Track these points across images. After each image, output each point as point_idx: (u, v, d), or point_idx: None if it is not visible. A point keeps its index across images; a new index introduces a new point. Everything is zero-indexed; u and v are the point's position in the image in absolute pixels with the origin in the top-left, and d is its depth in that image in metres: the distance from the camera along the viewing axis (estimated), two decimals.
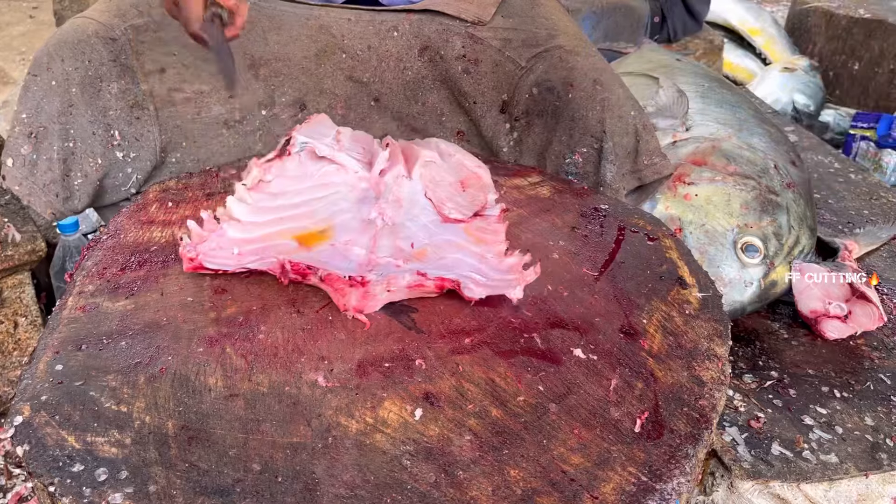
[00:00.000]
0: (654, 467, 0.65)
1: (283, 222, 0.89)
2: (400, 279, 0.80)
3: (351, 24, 1.20)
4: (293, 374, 0.72)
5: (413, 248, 0.87)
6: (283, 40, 1.17)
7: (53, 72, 1.03)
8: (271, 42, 1.16)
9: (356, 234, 0.88)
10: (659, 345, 0.79)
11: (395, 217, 0.90)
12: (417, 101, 1.23)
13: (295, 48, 1.17)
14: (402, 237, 0.88)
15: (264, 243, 0.86)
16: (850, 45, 2.91)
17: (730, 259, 1.25)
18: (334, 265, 0.83)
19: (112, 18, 1.08)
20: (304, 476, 0.62)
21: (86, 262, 0.87)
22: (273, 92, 1.17)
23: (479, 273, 0.84)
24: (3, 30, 4.27)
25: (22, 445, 0.63)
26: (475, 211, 0.92)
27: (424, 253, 0.86)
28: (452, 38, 1.20)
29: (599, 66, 1.15)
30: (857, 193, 1.76)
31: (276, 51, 1.16)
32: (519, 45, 1.18)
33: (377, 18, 1.21)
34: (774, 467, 0.98)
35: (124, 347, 0.74)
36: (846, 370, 1.17)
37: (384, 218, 0.89)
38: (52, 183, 1.03)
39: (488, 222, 0.91)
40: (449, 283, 0.81)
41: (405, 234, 0.88)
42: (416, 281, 0.80)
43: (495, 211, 0.93)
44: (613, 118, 1.10)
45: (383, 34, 1.21)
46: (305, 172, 0.95)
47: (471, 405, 0.70)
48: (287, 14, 1.19)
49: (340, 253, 0.86)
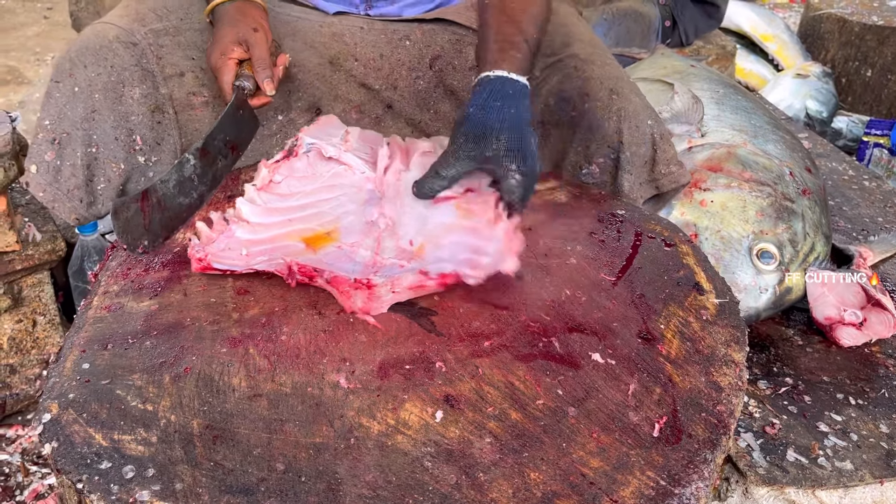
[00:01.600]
0: (672, 472, 0.65)
1: (292, 224, 0.90)
2: (403, 280, 0.81)
3: (363, 32, 1.21)
4: (315, 375, 0.72)
5: (412, 246, 0.87)
6: (297, 47, 1.18)
7: (76, 78, 1.04)
8: (286, 48, 1.17)
9: (361, 235, 0.89)
10: (676, 350, 0.79)
11: (394, 214, 0.91)
12: (430, 109, 1.24)
13: (310, 55, 1.19)
14: (401, 235, 0.89)
15: (272, 244, 0.87)
16: (862, 52, 2.91)
17: (745, 265, 1.25)
18: (340, 267, 0.84)
19: (132, 23, 1.09)
20: (326, 476, 0.63)
21: (110, 263, 0.88)
22: (289, 97, 1.18)
23: (477, 251, 0.85)
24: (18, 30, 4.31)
25: (50, 442, 0.64)
26: (466, 188, 0.93)
27: (423, 249, 0.87)
28: (465, 48, 1.21)
29: (615, 74, 1.15)
30: (871, 201, 1.75)
31: (291, 57, 1.17)
32: None
33: (389, 27, 1.22)
34: (790, 473, 0.98)
35: (149, 347, 0.75)
36: (861, 377, 1.17)
37: (386, 219, 0.90)
38: (76, 189, 1.04)
39: (478, 194, 0.92)
40: (450, 279, 0.82)
41: (403, 231, 0.89)
42: (419, 281, 0.81)
43: (485, 185, 0.93)
44: (630, 128, 1.10)
45: (395, 43, 1.21)
46: (315, 173, 0.96)
47: (490, 408, 0.70)
48: (302, 21, 1.21)
49: (346, 255, 0.87)
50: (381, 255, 0.86)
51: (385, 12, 1.22)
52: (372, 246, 0.87)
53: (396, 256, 0.86)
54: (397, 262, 0.85)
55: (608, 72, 1.15)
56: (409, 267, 0.84)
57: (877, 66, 2.88)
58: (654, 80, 1.77)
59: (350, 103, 1.21)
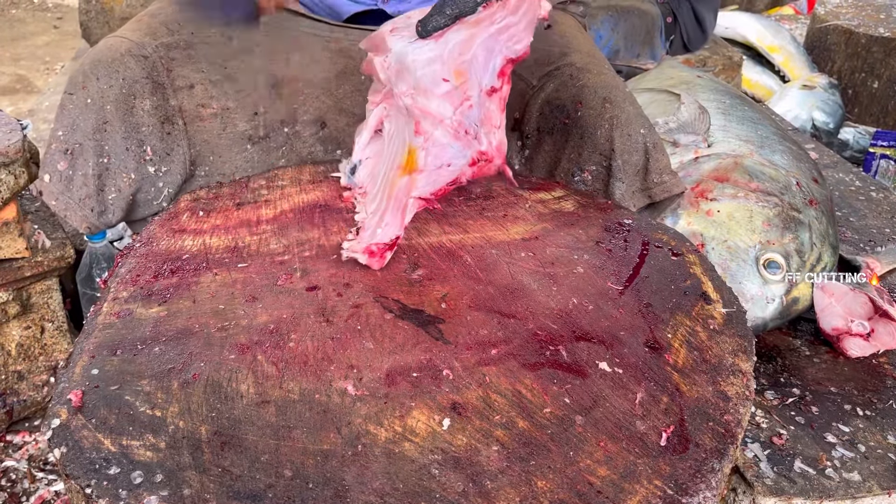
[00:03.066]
0: (679, 481, 0.65)
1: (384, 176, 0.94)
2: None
3: None
4: (323, 382, 0.73)
5: (453, 81, 0.87)
6: (304, 61, 1.19)
7: (89, 90, 1.05)
8: (294, 63, 1.18)
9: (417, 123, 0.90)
10: (684, 359, 0.79)
11: (410, 82, 0.89)
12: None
13: (316, 69, 1.20)
14: (430, 86, 0.88)
15: (392, 198, 0.90)
16: (869, 63, 2.91)
17: (752, 275, 1.25)
18: (446, 157, 0.88)
19: (143, 37, 1.11)
20: (334, 483, 0.63)
21: (120, 269, 0.88)
22: (295, 110, 1.19)
23: (508, 29, 0.87)
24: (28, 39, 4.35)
25: (59, 448, 0.65)
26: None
27: (461, 73, 0.87)
28: None
29: (610, 83, 1.16)
30: (878, 212, 1.75)
31: (298, 71, 1.19)
32: (531, 64, 1.19)
33: None
34: (797, 484, 0.97)
35: (158, 353, 0.75)
36: (868, 388, 1.17)
37: (409, 91, 0.89)
38: (88, 198, 1.06)
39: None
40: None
41: (430, 81, 0.88)
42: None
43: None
44: (622, 136, 1.10)
45: None
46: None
47: (498, 416, 0.70)
48: (308, 36, 1.22)
49: (439, 147, 0.88)
50: (445, 117, 0.86)
51: (401, 9, 1.23)
52: (433, 121, 0.87)
53: (451, 102, 0.86)
54: (463, 102, 0.86)
55: (603, 80, 1.15)
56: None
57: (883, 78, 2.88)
58: (660, 90, 1.78)
59: (355, 116, 1.23)
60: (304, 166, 1.15)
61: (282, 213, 1.00)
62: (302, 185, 1.09)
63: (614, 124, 1.11)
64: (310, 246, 0.93)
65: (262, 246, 0.93)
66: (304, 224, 0.98)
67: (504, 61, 0.88)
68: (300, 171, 1.13)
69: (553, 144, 1.17)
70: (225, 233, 0.96)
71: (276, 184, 1.07)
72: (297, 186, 1.08)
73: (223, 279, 0.87)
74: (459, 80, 0.86)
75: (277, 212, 1.00)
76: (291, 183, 1.07)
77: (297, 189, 1.06)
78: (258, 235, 0.95)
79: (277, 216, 0.99)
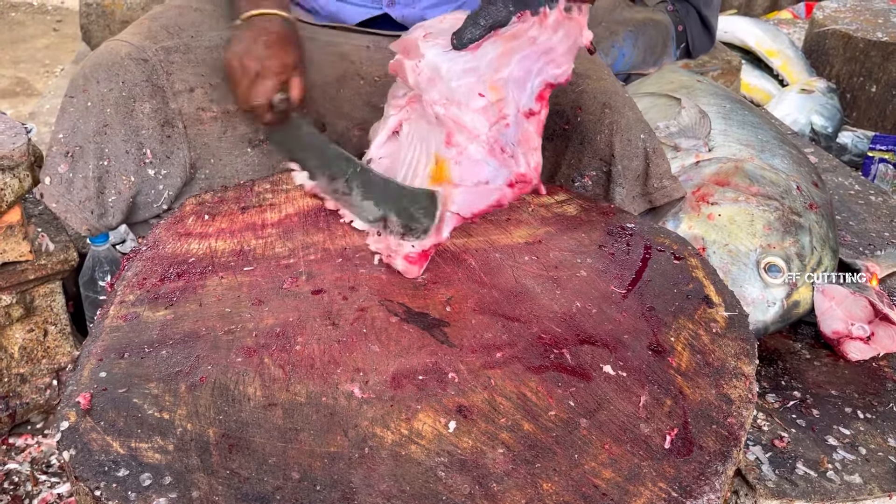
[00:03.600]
0: (684, 483, 0.66)
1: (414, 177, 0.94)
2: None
3: (370, 51, 1.23)
4: (330, 384, 0.73)
5: (488, 97, 0.87)
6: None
7: (89, 93, 1.06)
8: None
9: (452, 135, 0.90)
10: (687, 362, 0.80)
11: (444, 91, 0.89)
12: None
13: (316, 74, 1.20)
14: (465, 100, 0.88)
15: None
16: (867, 68, 2.92)
17: (753, 279, 1.26)
18: (480, 174, 0.88)
19: (144, 41, 1.11)
20: (341, 485, 0.63)
21: (126, 273, 0.89)
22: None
23: (548, 52, 0.88)
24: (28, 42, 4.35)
25: (68, 450, 0.65)
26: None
27: (498, 89, 0.87)
28: None
29: (610, 89, 1.16)
30: (877, 216, 1.76)
31: None
32: None
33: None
34: (799, 487, 0.98)
35: (165, 356, 0.76)
36: (869, 391, 1.17)
37: (442, 101, 0.89)
38: (88, 200, 1.06)
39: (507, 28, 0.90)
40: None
41: (464, 95, 0.88)
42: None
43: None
44: (622, 141, 1.11)
45: None
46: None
47: (503, 419, 0.71)
48: (309, 40, 1.22)
49: (472, 162, 0.89)
50: (481, 132, 0.86)
51: (406, 14, 1.23)
52: (468, 136, 0.86)
53: (486, 117, 0.85)
54: (499, 119, 0.85)
55: (602, 86, 1.16)
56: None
57: (881, 82, 2.89)
58: (661, 94, 1.79)
59: (354, 121, 1.23)
60: None
61: (287, 217, 1.01)
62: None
63: (614, 129, 1.11)
64: (315, 249, 0.94)
65: (268, 249, 0.94)
66: (309, 228, 0.98)
67: (543, 85, 0.88)
68: None
69: (553, 150, 1.17)
70: (230, 236, 0.96)
71: (281, 188, 1.08)
72: (302, 190, 1.08)
73: (229, 282, 0.87)
74: (495, 95, 0.86)
75: (282, 215, 1.01)
76: (296, 187, 1.08)
77: (302, 193, 1.07)
78: (263, 239, 0.96)
79: (282, 220, 1.00)
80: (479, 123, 0.86)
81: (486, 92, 0.86)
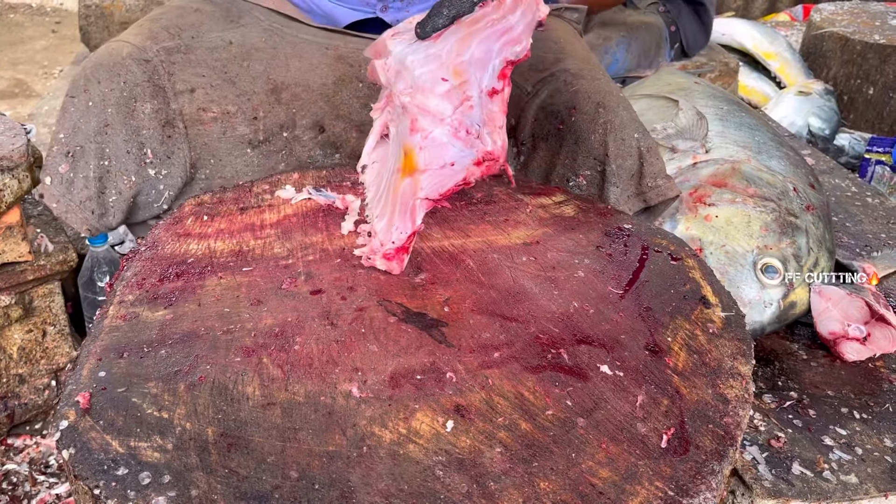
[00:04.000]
0: (680, 482, 0.66)
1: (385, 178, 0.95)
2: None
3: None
4: (328, 384, 0.73)
5: (451, 80, 0.87)
6: (304, 67, 1.21)
7: (90, 93, 1.06)
8: (293, 68, 1.19)
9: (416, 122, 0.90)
10: (683, 362, 0.80)
11: (408, 81, 0.89)
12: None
13: (314, 76, 1.21)
14: (429, 86, 0.88)
15: (399, 202, 0.90)
16: (864, 70, 2.93)
17: (749, 280, 1.27)
18: (447, 156, 0.88)
19: (145, 41, 1.12)
20: (339, 484, 0.64)
21: (125, 273, 0.89)
22: (294, 115, 1.20)
23: (507, 32, 0.88)
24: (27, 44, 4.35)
25: (68, 449, 0.65)
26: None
27: (460, 72, 0.87)
28: None
29: (604, 88, 1.17)
30: (874, 217, 1.77)
31: (297, 77, 1.20)
32: (526, 70, 1.20)
33: None
34: (795, 487, 0.98)
35: (164, 356, 0.76)
36: (865, 392, 1.18)
37: (408, 91, 0.90)
38: (88, 200, 1.07)
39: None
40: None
41: (428, 80, 0.88)
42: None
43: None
44: (616, 141, 1.12)
45: None
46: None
47: (501, 418, 0.71)
48: (308, 43, 1.23)
49: (438, 146, 0.89)
50: (445, 116, 0.86)
51: (399, 18, 1.24)
52: (433, 121, 0.87)
53: (450, 101, 0.86)
54: (463, 102, 0.86)
55: (597, 86, 1.17)
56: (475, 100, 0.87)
57: (878, 84, 2.90)
58: (658, 96, 1.79)
59: (352, 122, 1.24)
60: (307, 171, 1.16)
61: (285, 218, 1.01)
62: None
63: (608, 129, 1.12)
64: (314, 250, 0.94)
65: (267, 250, 0.94)
66: (308, 228, 0.99)
67: (504, 63, 0.90)
68: (303, 177, 1.14)
69: (548, 150, 1.18)
70: (229, 237, 0.96)
71: (280, 188, 1.08)
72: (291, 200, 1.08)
73: (228, 283, 0.87)
74: (458, 79, 0.87)
75: (281, 216, 1.01)
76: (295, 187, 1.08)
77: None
78: (262, 239, 0.96)
79: (281, 220, 1.00)
80: (443, 107, 0.87)
81: (448, 76, 0.87)
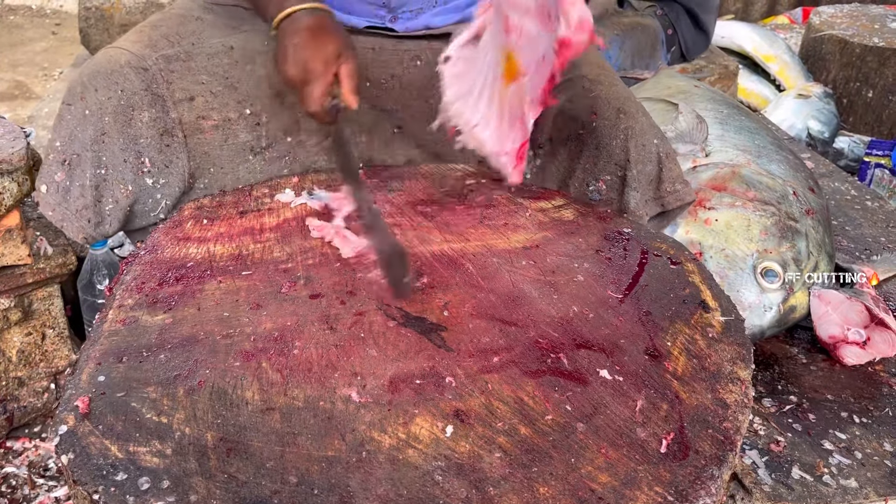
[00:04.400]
0: (679, 487, 0.66)
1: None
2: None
3: (375, 54, 1.23)
4: (327, 389, 0.73)
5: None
6: None
7: (87, 101, 1.05)
8: None
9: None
10: (683, 367, 0.80)
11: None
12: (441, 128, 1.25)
13: None
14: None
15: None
16: (864, 73, 2.93)
17: (749, 284, 1.26)
18: (538, 48, 0.88)
19: (144, 49, 1.11)
20: (339, 489, 0.64)
21: (125, 277, 0.89)
22: (299, 119, 1.19)
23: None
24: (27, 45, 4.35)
25: (67, 454, 0.65)
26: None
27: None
28: None
29: (623, 94, 1.17)
30: (873, 221, 1.77)
31: None
32: None
33: (400, 48, 1.24)
34: (795, 491, 0.98)
35: (163, 360, 0.76)
36: (865, 396, 1.18)
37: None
38: (84, 209, 1.05)
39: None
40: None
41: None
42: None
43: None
44: (637, 146, 1.12)
45: (406, 63, 1.23)
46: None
47: (500, 423, 0.71)
48: None
49: (531, 43, 0.89)
50: (530, 3, 0.86)
51: (410, 26, 1.24)
52: (521, 12, 0.87)
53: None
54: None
55: (616, 92, 1.17)
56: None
57: (878, 87, 2.90)
58: (658, 100, 1.79)
59: (360, 126, 1.23)
60: (306, 175, 1.16)
61: (285, 222, 1.01)
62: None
63: (629, 135, 1.12)
64: (313, 254, 0.94)
65: (266, 254, 0.94)
66: (307, 232, 0.99)
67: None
68: (303, 180, 1.14)
69: (567, 154, 1.18)
70: (229, 241, 0.96)
71: (279, 192, 1.08)
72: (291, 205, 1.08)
73: (227, 287, 0.87)
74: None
75: (280, 220, 1.01)
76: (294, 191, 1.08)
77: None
78: (262, 243, 0.96)
79: (280, 224, 1.00)
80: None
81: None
